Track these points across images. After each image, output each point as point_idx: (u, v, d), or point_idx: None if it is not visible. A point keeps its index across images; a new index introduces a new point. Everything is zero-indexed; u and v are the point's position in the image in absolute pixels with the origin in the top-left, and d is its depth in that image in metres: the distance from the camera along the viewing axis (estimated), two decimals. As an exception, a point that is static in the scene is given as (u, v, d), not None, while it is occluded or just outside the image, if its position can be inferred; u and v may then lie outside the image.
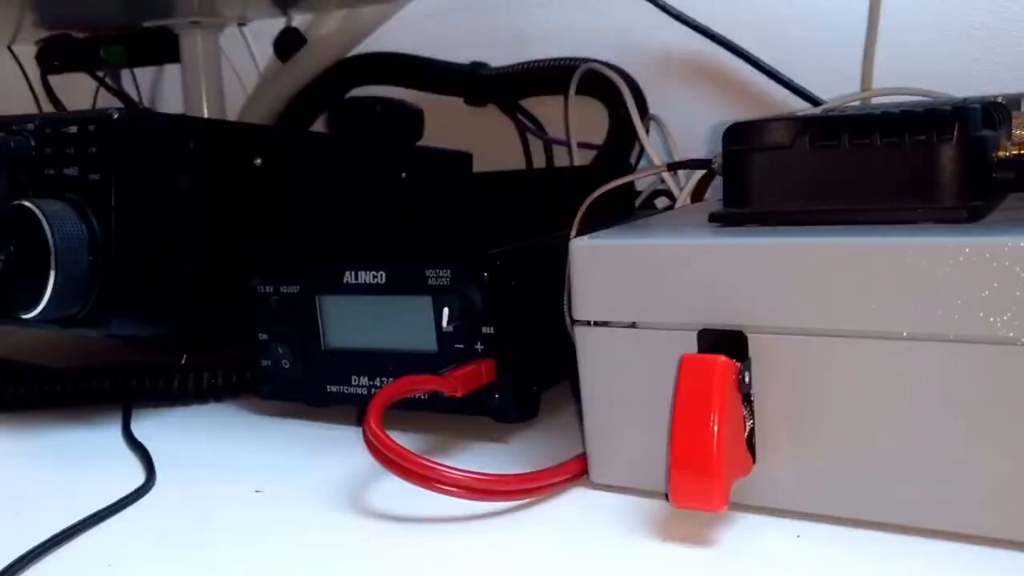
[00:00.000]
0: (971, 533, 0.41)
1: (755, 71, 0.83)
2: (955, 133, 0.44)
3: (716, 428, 0.41)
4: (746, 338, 0.44)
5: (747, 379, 0.44)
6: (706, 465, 0.41)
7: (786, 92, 0.82)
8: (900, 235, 0.41)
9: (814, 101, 0.81)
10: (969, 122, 0.44)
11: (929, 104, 0.50)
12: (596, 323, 0.47)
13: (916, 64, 0.83)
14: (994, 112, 0.49)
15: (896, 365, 0.41)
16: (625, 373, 0.47)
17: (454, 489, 0.47)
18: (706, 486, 0.41)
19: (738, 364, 0.43)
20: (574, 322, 0.48)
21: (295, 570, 0.43)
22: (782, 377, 0.44)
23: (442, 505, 0.47)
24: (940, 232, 0.41)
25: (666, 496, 0.43)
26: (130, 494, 0.51)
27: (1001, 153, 0.48)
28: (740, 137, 0.48)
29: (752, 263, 0.43)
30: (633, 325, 0.47)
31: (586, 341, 0.48)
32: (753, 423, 0.44)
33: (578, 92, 0.92)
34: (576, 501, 0.48)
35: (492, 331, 0.55)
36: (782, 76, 0.82)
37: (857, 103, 0.76)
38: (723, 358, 0.42)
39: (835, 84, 0.85)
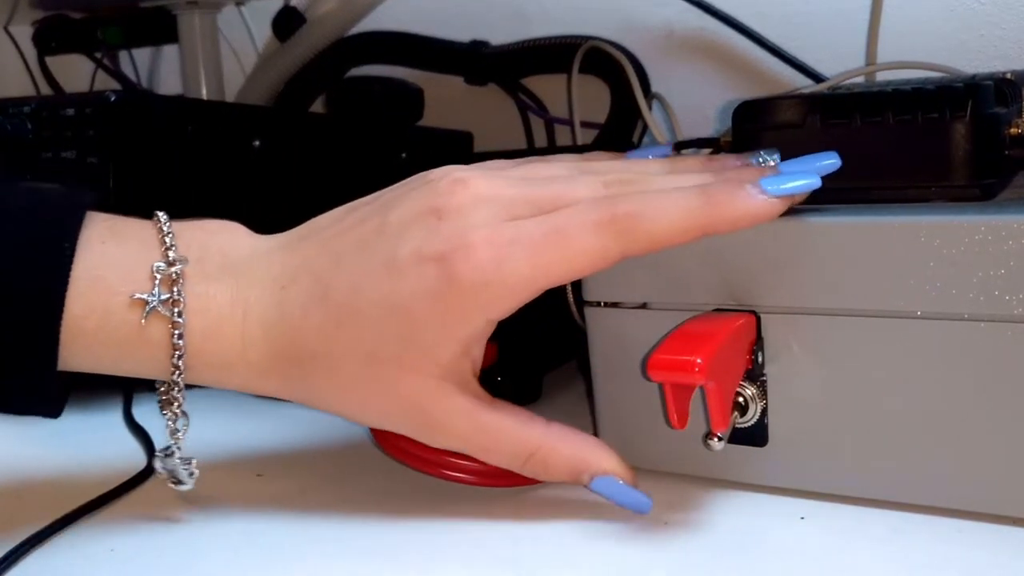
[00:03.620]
0: (985, 512, 0.41)
1: (758, 48, 0.82)
2: (968, 110, 0.43)
3: (718, 338, 0.41)
4: (759, 318, 0.43)
5: (760, 359, 0.43)
6: (695, 347, 0.40)
7: (790, 69, 0.82)
8: (914, 213, 0.41)
9: (817, 78, 0.80)
10: (982, 99, 0.44)
11: (941, 81, 0.49)
12: (607, 304, 0.47)
13: (921, 40, 0.82)
14: (1005, 89, 0.48)
15: (910, 344, 0.41)
16: (636, 354, 0.46)
17: (460, 475, 0.46)
18: (686, 360, 0.40)
19: (755, 336, 0.43)
20: (584, 303, 0.48)
21: (297, 554, 0.43)
22: (795, 357, 0.43)
23: (448, 491, 0.47)
24: (955, 210, 0.41)
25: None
26: (132, 478, 0.51)
27: (1013, 130, 0.47)
28: (751, 115, 0.48)
29: (764, 243, 0.43)
30: (644, 306, 0.46)
31: (597, 322, 0.48)
32: (766, 403, 0.44)
33: (580, 70, 0.91)
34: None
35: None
36: (785, 53, 0.81)
37: (861, 78, 0.75)
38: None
39: (839, 60, 0.84)
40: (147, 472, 0.52)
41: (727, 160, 0.47)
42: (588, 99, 0.92)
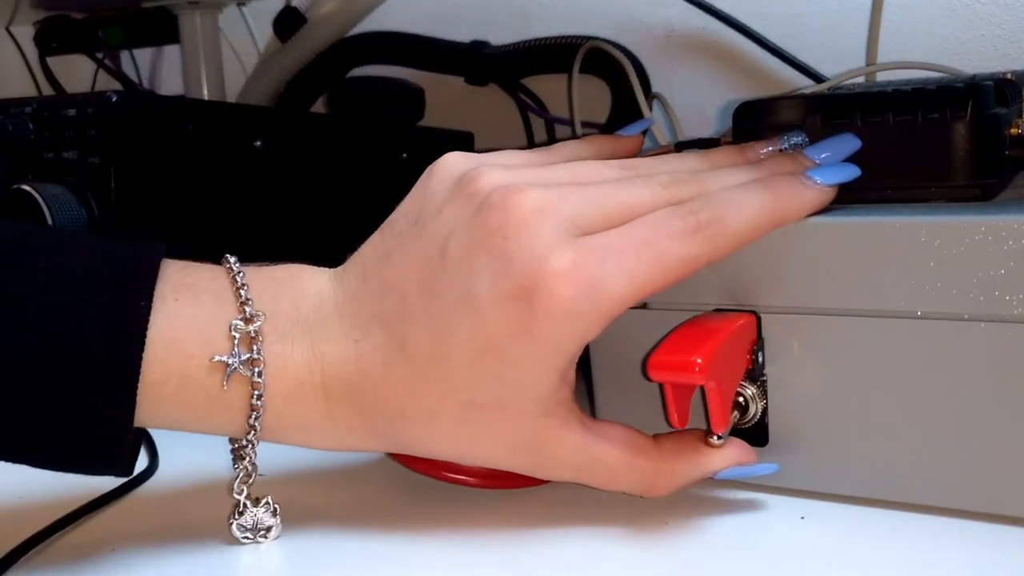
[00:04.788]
0: (986, 512, 0.41)
1: (759, 48, 0.82)
2: (968, 111, 0.43)
3: (718, 338, 0.41)
4: (759, 318, 0.43)
5: (760, 359, 0.43)
6: (696, 346, 0.40)
7: (791, 69, 0.82)
8: (914, 214, 0.41)
9: (817, 78, 0.80)
10: (982, 99, 0.44)
11: (941, 81, 0.49)
12: (606, 304, 0.47)
13: (921, 40, 0.82)
14: (1006, 89, 0.48)
15: (911, 344, 0.41)
16: (636, 354, 0.46)
17: (461, 477, 0.46)
18: (687, 360, 0.40)
19: (755, 335, 0.43)
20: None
21: (298, 555, 0.43)
22: (795, 357, 0.43)
23: (449, 492, 0.47)
24: (955, 211, 0.41)
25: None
26: (133, 478, 0.51)
27: (1013, 131, 0.47)
28: (751, 115, 0.48)
29: (765, 243, 0.43)
30: (644, 306, 0.46)
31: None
32: (766, 403, 0.44)
33: (581, 70, 0.91)
34: (582, 485, 0.48)
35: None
36: (786, 53, 0.81)
37: (862, 78, 0.75)
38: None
39: (839, 61, 0.84)
40: (149, 472, 0.52)
41: (758, 147, 0.46)
42: (589, 99, 0.91)
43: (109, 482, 0.50)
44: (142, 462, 0.54)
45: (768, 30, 0.82)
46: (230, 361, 0.40)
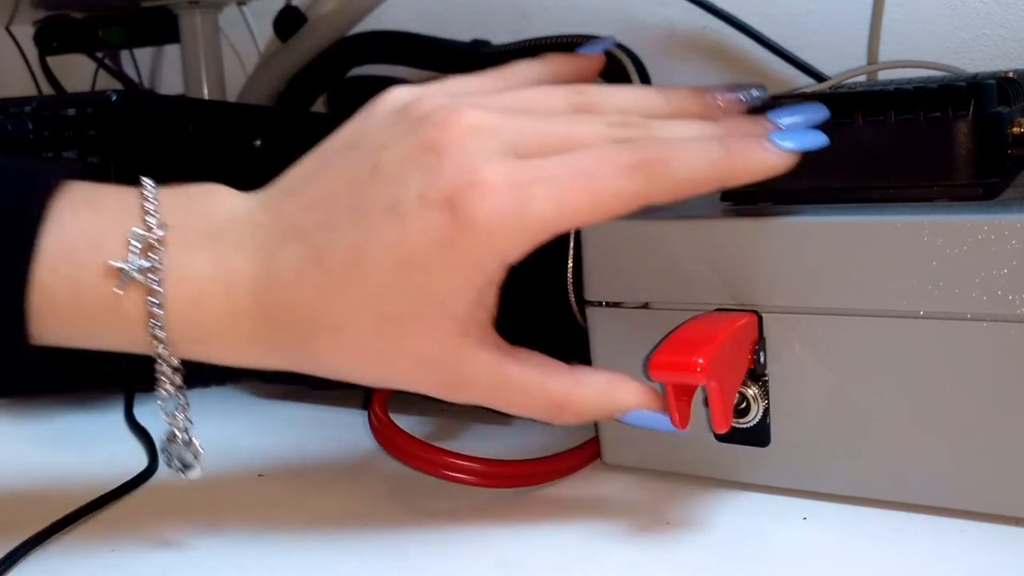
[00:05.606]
0: (988, 512, 0.41)
1: (760, 47, 0.82)
2: (970, 109, 0.43)
3: (719, 338, 0.41)
4: (761, 318, 0.43)
5: (762, 359, 0.43)
6: (697, 347, 0.40)
7: (792, 68, 0.82)
8: (916, 213, 0.41)
9: (819, 77, 0.80)
10: (984, 98, 0.44)
11: (943, 80, 0.49)
12: (608, 304, 0.47)
13: (923, 39, 0.82)
14: (1008, 88, 0.48)
15: (913, 344, 0.41)
16: (638, 354, 0.46)
17: (460, 476, 0.46)
18: (688, 360, 0.40)
19: (756, 335, 0.43)
20: (586, 303, 0.48)
21: (298, 556, 0.42)
22: (797, 357, 0.43)
23: (448, 491, 0.47)
24: (957, 210, 0.41)
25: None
26: (133, 479, 0.51)
27: (1015, 129, 0.47)
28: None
29: (766, 243, 0.43)
30: (646, 306, 0.46)
31: (598, 322, 0.47)
32: (768, 403, 0.44)
33: (581, 70, 0.91)
34: (583, 484, 0.48)
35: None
36: (787, 52, 0.81)
37: (863, 78, 0.75)
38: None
39: (841, 60, 0.84)
40: (149, 472, 0.52)
41: (718, 92, 0.44)
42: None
43: (109, 482, 0.50)
44: (142, 462, 0.53)
45: (769, 29, 0.82)
46: (125, 267, 0.39)
